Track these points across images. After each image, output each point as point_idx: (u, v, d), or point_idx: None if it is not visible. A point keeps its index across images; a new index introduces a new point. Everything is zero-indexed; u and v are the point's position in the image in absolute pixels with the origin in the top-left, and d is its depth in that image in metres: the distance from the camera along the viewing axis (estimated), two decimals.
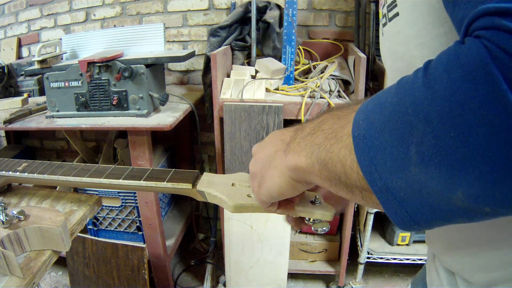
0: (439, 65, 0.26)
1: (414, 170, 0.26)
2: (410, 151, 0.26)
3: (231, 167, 1.38)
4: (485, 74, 0.22)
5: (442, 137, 0.24)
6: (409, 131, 0.26)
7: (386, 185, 0.28)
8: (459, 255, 0.43)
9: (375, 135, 0.28)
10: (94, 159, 1.71)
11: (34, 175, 0.70)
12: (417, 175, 0.26)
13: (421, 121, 0.25)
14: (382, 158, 0.28)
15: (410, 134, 0.26)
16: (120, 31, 1.57)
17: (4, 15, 1.96)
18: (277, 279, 1.51)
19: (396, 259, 1.62)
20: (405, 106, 0.26)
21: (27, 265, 0.61)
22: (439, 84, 0.25)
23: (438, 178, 0.25)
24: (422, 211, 0.28)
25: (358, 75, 1.29)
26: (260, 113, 1.29)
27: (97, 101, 1.34)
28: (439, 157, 0.25)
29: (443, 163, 0.25)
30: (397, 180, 0.27)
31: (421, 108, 0.25)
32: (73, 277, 1.64)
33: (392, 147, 0.27)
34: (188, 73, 1.89)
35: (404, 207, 0.28)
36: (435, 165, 0.25)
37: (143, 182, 0.61)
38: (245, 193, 0.52)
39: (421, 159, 0.26)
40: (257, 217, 1.40)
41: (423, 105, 0.25)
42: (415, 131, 0.25)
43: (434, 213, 0.27)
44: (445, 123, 0.24)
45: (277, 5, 1.56)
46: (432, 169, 0.25)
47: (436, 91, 0.25)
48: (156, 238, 1.53)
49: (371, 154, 0.28)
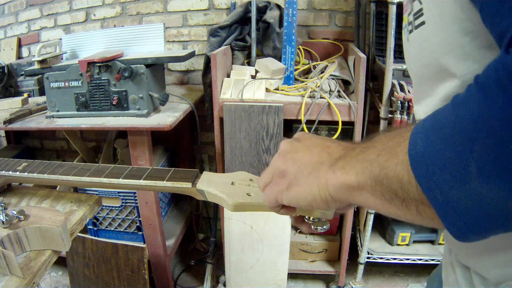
0: (490, 78, 0.27)
1: (474, 183, 0.27)
2: (470, 165, 0.27)
3: (231, 167, 1.38)
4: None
5: (504, 149, 0.25)
6: (468, 146, 0.27)
7: (447, 200, 0.29)
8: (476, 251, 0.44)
9: (433, 152, 0.29)
10: (94, 159, 1.71)
11: (34, 174, 0.70)
12: (478, 188, 0.27)
13: (481, 135, 0.26)
14: (442, 175, 0.29)
15: (469, 149, 0.27)
16: (120, 31, 1.57)
17: (4, 15, 1.96)
18: (277, 279, 1.50)
19: (396, 259, 1.62)
20: (463, 121, 0.28)
21: (27, 265, 0.61)
22: (496, 98, 0.26)
23: (498, 189, 0.26)
24: (481, 221, 0.29)
25: (358, 75, 1.29)
26: (260, 113, 1.29)
27: (97, 101, 1.34)
28: (500, 169, 0.26)
29: (504, 174, 0.26)
30: (457, 194, 0.28)
31: (481, 123, 0.26)
32: (73, 277, 1.64)
33: (452, 163, 0.28)
34: (188, 73, 1.89)
35: (462, 219, 0.29)
36: (495, 177, 0.26)
37: (142, 181, 0.61)
38: (245, 192, 0.52)
39: (481, 173, 0.27)
40: (257, 217, 1.40)
41: (483, 119, 0.26)
42: (476, 146, 0.27)
43: (492, 222, 0.28)
44: (504, 135, 0.25)
45: (277, 5, 1.57)
46: (492, 182, 0.26)
47: (494, 105, 0.26)
48: (156, 238, 1.53)
49: (429, 171, 0.29)
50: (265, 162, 1.35)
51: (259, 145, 1.33)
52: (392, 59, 1.28)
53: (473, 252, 0.44)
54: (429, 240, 1.67)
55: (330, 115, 1.32)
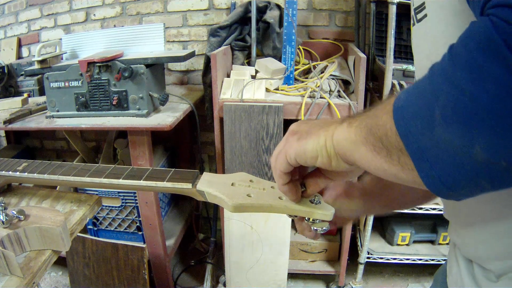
0: (459, 41, 0.30)
1: (438, 129, 0.30)
2: (435, 113, 0.30)
3: (231, 167, 1.38)
4: (491, 43, 0.27)
5: (461, 98, 0.29)
6: (436, 96, 0.30)
7: (419, 146, 0.32)
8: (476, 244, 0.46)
9: (409, 103, 0.33)
10: (94, 159, 1.71)
11: (34, 175, 0.70)
12: (442, 134, 0.30)
13: (444, 86, 0.30)
14: (414, 122, 0.32)
15: (436, 99, 0.30)
16: (120, 31, 1.57)
17: (4, 15, 1.96)
18: (277, 279, 1.51)
19: (396, 259, 1.62)
20: (435, 77, 0.31)
21: (27, 265, 0.61)
22: (459, 55, 0.30)
23: (458, 135, 0.29)
24: (449, 171, 0.31)
25: (358, 75, 1.29)
26: (260, 113, 1.29)
27: (97, 101, 1.34)
28: (457, 116, 0.29)
29: (461, 120, 0.29)
30: (427, 140, 0.31)
31: (446, 76, 0.30)
32: (73, 277, 1.64)
33: (422, 111, 0.31)
34: (188, 73, 1.89)
35: (434, 169, 0.32)
36: (455, 123, 0.29)
37: (143, 181, 0.61)
38: (245, 193, 0.52)
39: (444, 120, 0.30)
40: (257, 217, 1.40)
41: (448, 73, 0.30)
42: (440, 96, 0.30)
43: (460, 173, 0.31)
44: (463, 86, 0.28)
45: (277, 5, 1.56)
46: (453, 127, 0.29)
47: (457, 61, 0.30)
48: (156, 238, 1.53)
49: (405, 119, 0.33)
50: (265, 162, 1.35)
51: (259, 145, 1.33)
52: (392, 59, 1.28)
53: (474, 243, 0.46)
54: (429, 240, 1.67)
55: (330, 115, 1.32)
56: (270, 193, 0.51)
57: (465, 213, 0.47)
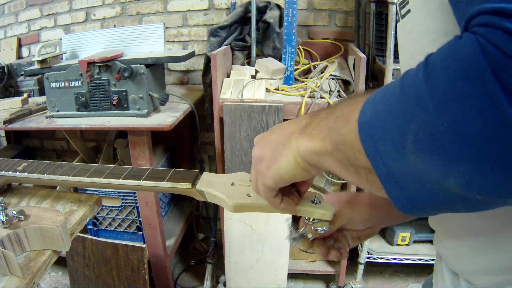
0: (438, 58, 0.27)
1: (411, 157, 0.28)
2: (408, 139, 0.28)
3: (231, 167, 1.38)
4: (477, 70, 0.24)
5: (437, 128, 0.26)
6: (408, 120, 0.28)
7: (389, 170, 0.30)
8: (464, 258, 0.43)
9: (378, 123, 0.30)
10: (94, 159, 1.71)
11: (34, 175, 0.70)
12: (414, 162, 0.28)
13: (420, 112, 0.27)
14: (384, 145, 0.29)
15: (408, 123, 0.27)
16: (120, 31, 1.57)
17: (4, 15, 1.96)
18: (277, 279, 1.51)
19: (396, 259, 1.62)
20: (407, 97, 0.28)
21: (27, 265, 0.61)
22: (438, 78, 0.26)
23: (432, 166, 0.27)
24: (421, 196, 0.29)
25: (358, 75, 1.29)
26: (260, 113, 1.29)
27: (97, 101, 1.34)
28: (433, 147, 0.26)
29: (436, 152, 0.26)
30: (397, 165, 0.29)
31: (421, 100, 0.27)
32: (73, 277, 1.64)
33: (393, 135, 0.29)
34: (188, 73, 1.89)
35: (404, 192, 0.30)
36: (429, 153, 0.27)
37: (142, 181, 0.61)
38: (245, 193, 0.52)
39: (417, 147, 0.27)
40: (257, 217, 1.40)
41: (423, 97, 0.27)
42: (414, 121, 0.27)
43: (432, 199, 0.29)
44: (441, 115, 0.26)
45: (277, 5, 1.56)
46: (427, 157, 0.27)
47: (435, 84, 0.26)
48: (156, 238, 1.53)
49: (374, 140, 0.30)
50: None
51: None
52: (392, 59, 1.28)
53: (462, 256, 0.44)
54: (429, 240, 1.67)
55: None
56: None
57: (454, 225, 0.45)
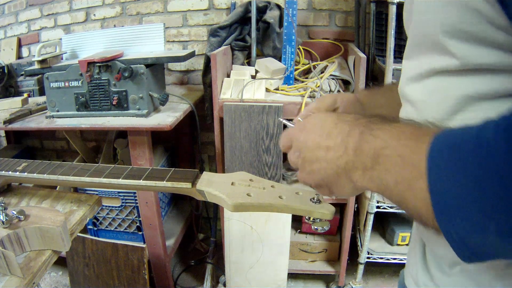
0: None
1: (491, 238, 0.27)
2: (490, 225, 0.26)
3: (231, 167, 1.38)
4: None
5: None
6: (491, 206, 0.25)
7: (462, 240, 0.29)
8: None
9: (455, 200, 0.28)
10: (94, 159, 1.70)
11: (34, 175, 0.70)
12: (494, 241, 0.27)
13: (504, 194, 0.24)
14: (462, 223, 0.28)
15: (492, 210, 0.25)
16: (120, 31, 1.57)
17: (4, 15, 1.96)
18: (277, 279, 1.50)
19: (396, 259, 1.62)
20: (489, 176, 0.25)
21: (27, 265, 0.61)
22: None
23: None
24: (490, 257, 0.30)
25: (358, 75, 1.29)
26: (260, 113, 1.29)
27: (97, 101, 1.34)
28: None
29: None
30: (474, 240, 0.28)
31: (508, 185, 0.24)
32: (73, 277, 1.64)
33: (473, 216, 0.27)
34: (188, 73, 1.89)
35: (474, 254, 0.30)
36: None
37: (142, 181, 0.61)
38: (245, 192, 0.52)
39: (501, 235, 0.26)
40: (257, 217, 1.40)
41: (507, 179, 0.24)
42: (499, 208, 0.25)
43: (498, 257, 0.30)
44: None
45: (277, 5, 1.56)
46: (510, 241, 0.26)
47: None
48: (156, 238, 1.53)
49: (451, 216, 0.28)
50: (265, 162, 1.35)
51: (259, 145, 1.33)
52: (392, 59, 1.28)
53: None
54: None
55: None
56: (270, 192, 0.51)
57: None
